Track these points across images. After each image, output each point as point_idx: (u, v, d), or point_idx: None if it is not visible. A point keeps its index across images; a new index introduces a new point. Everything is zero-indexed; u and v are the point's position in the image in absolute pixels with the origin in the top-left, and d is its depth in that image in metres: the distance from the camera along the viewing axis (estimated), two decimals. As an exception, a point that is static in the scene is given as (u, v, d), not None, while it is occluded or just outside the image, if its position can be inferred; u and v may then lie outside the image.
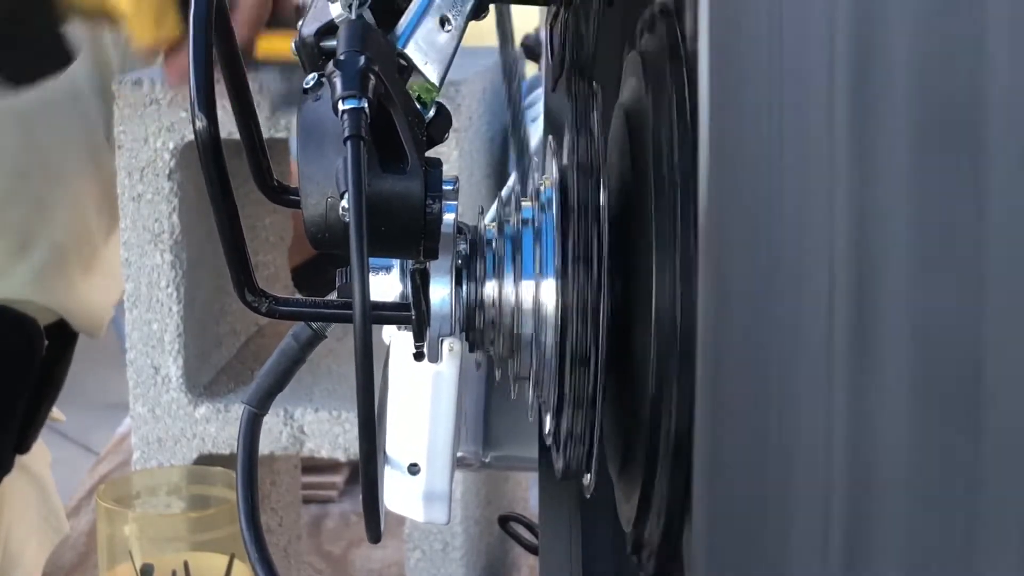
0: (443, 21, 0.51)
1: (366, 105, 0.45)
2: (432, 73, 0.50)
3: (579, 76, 0.60)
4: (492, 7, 0.55)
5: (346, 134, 0.44)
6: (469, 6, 0.52)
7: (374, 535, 0.49)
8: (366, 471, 0.47)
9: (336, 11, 0.49)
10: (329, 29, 0.49)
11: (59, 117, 1.24)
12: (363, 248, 0.43)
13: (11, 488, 1.31)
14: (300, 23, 0.51)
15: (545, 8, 0.69)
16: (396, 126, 0.47)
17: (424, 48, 0.50)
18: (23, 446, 1.31)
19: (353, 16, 0.49)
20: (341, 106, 0.45)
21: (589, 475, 0.56)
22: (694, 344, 0.41)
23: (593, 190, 0.53)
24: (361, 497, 0.48)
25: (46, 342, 1.27)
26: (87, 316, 1.31)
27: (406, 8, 0.52)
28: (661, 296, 0.49)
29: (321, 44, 0.50)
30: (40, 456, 1.37)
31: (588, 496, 0.57)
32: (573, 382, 0.52)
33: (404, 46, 0.50)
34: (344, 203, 0.45)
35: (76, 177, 1.27)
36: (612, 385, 0.54)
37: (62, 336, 1.30)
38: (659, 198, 0.49)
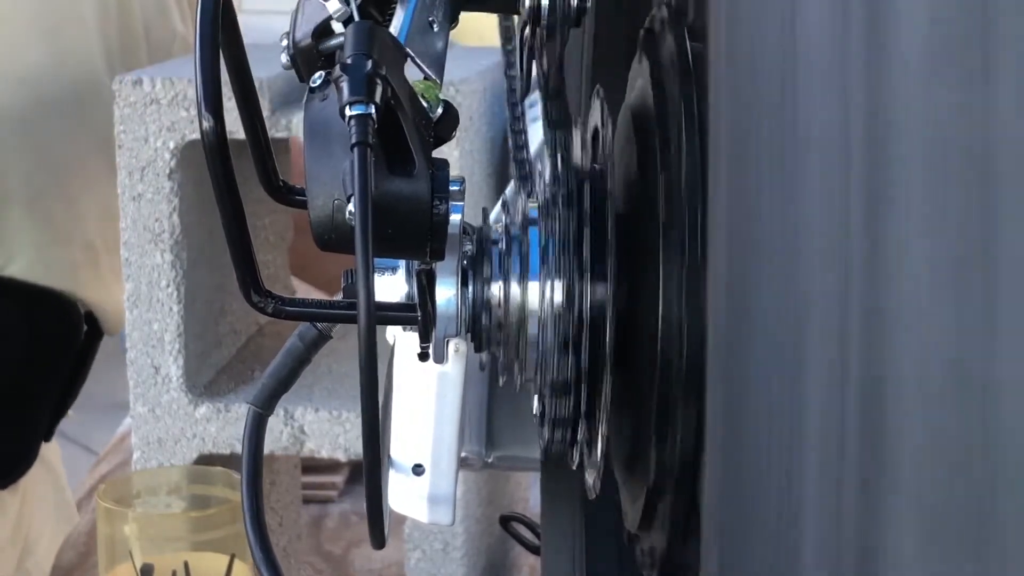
0: (430, 24, 0.51)
1: (373, 111, 0.45)
2: (431, 72, 0.50)
3: (554, 98, 0.59)
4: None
5: (353, 140, 0.44)
6: (444, 11, 0.52)
7: (378, 541, 0.49)
8: (370, 477, 0.46)
9: (334, 7, 0.49)
10: (325, 30, 0.49)
11: (67, 120, 1.26)
12: (368, 253, 0.43)
13: (32, 478, 1.33)
14: (287, 32, 0.50)
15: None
16: (403, 128, 0.46)
17: (419, 47, 0.50)
18: (47, 433, 1.34)
19: (353, 8, 0.48)
20: (348, 112, 0.45)
21: (595, 474, 0.56)
22: (700, 358, 0.41)
23: (599, 197, 0.52)
24: (365, 497, 0.48)
25: (85, 327, 1.31)
26: (114, 315, 1.34)
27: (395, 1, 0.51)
28: (667, 307, 0.49)
29: (320, 47, 0.49)
30: (54, 448, 1.40)
31: (592, 496, 0.57)
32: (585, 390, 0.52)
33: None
34: (351, 207, 0.45)
35: (102, 181, 1.30)
36: (618, 385, 0.54)
37: (90, 331, 1.34)
38: (668, 209, 0.49)
